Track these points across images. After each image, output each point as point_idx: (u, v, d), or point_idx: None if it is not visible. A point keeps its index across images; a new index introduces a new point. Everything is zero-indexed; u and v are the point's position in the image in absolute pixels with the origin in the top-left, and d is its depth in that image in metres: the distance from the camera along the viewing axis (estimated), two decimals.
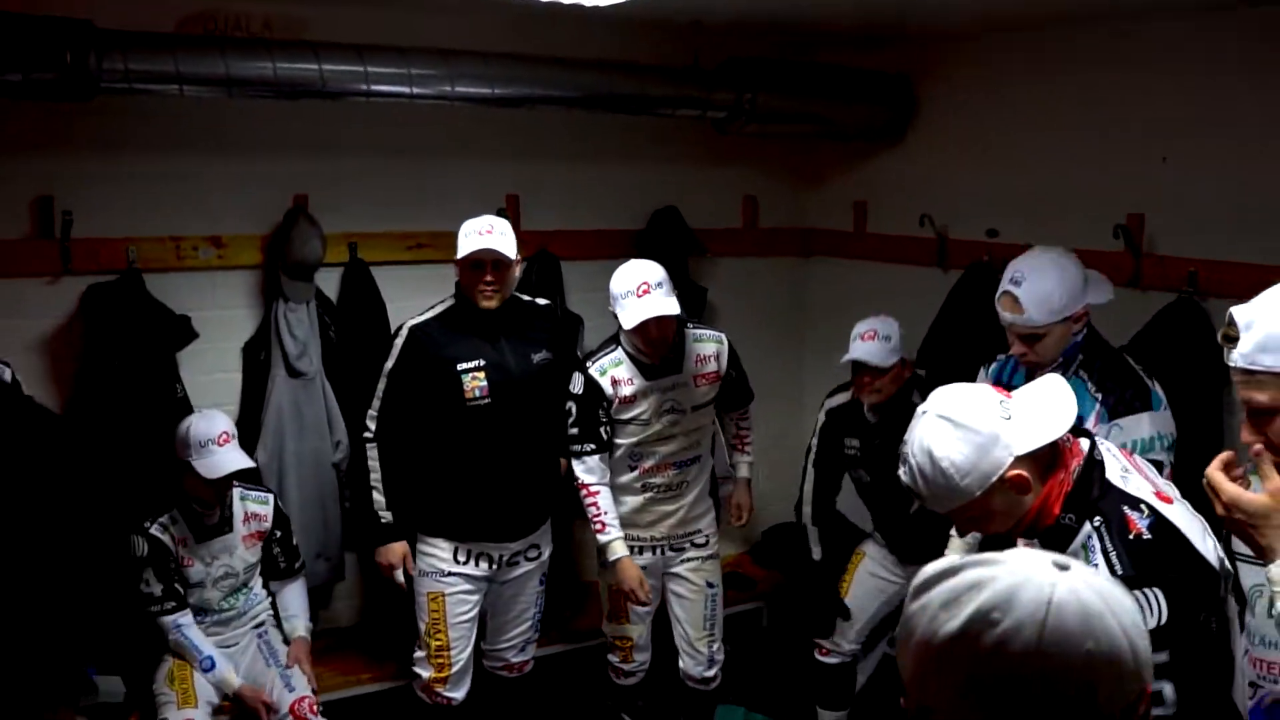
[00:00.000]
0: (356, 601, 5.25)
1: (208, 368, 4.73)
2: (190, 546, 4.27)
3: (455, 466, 4.26)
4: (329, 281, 4.95)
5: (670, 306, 4.15)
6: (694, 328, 4.50)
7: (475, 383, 4.18)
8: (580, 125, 5.28)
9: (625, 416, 4.35)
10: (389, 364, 4.22)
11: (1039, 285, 3.56)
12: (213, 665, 4.22)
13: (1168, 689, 2.09)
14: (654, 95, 5.04)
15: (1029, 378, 3.70)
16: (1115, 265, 4.50)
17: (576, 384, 4.35)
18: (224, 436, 4.21)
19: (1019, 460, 2.32)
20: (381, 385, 4.23)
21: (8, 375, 3.79)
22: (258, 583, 4.48)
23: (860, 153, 5.78)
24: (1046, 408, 2.42)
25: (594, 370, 4.34)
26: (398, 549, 4.29)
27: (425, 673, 4.36)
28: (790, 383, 6.15)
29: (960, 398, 2.42)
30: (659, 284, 4.16)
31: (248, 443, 4.51)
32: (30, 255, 4.43)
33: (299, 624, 4.55)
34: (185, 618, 4.25)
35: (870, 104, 5.49)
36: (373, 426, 4.23)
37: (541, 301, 4.57)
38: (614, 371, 4.34)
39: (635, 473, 4.41)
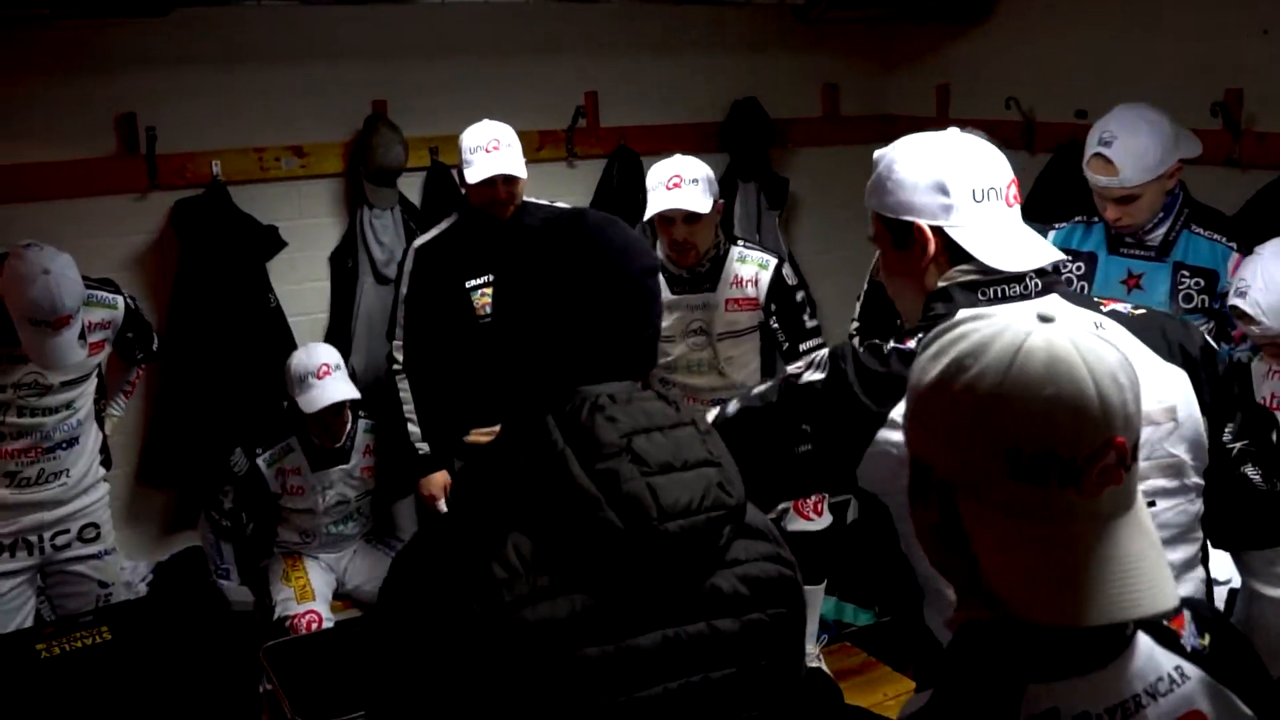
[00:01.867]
0: None
1: (297, 277, 4.78)
2: (304, 475, 4.26)
3: (476, 388, 3.97)
4: (412, 186, 4.96)
5: (696, 203, 3.80)
6: (744, 246, 4.12)
7: (484, 299, 4.05)
8: (658, 18, 5.22)
9: None
10: (402, 290, 4.14)
11: (1132, 142, 3.44)
12: (227, 576, 4.24)
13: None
14: None
15: (1108, 244, 3.64)
16: (1213, 144, 4.36)
17: None
18: (324, 369, 4.14)
19: None
20: (401, 313, 4.14)
21: (121, 304, 3.85)
22: (367, 507, 4.49)
23: (942, 35, 5.64)
24: None
25: None
26: (438, 479, 4.19)
27: None
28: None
29: None
30: (694, 180, 3.81)
31: (341, 349, 4.49)
32: (117, 173, 4.49)
33: None
34: (227, 547, 4.28)
35: None
36: (400, 357, 4.15)
37: (563, 205, 4.37)
38: None
39: None
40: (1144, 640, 1.32)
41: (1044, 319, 1.25)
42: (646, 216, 3.89)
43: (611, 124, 5.30)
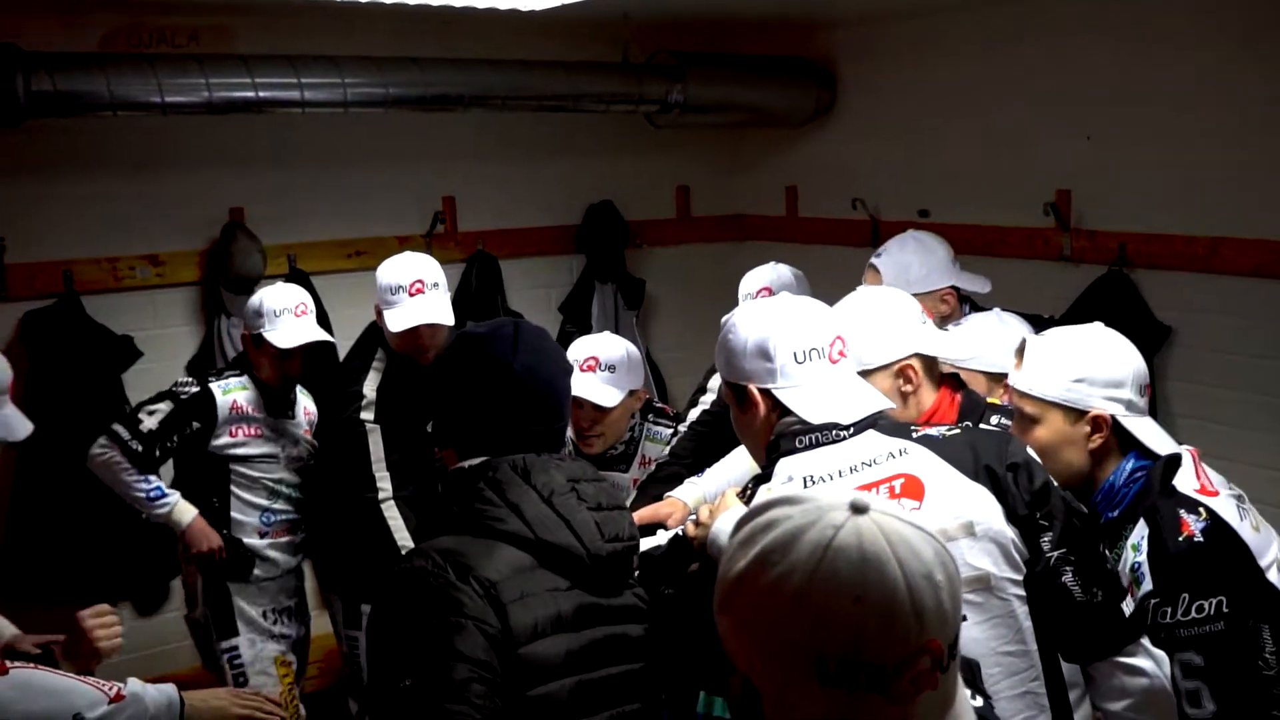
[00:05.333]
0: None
1: (153, 387, 4.59)
2: (263, 418, 3.99)
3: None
4: None
5: (601, 394, 3.45)
6: (653, 420, 3.76)
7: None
8: (514, 125, 5.31)
9: None
10: (366, 417, 3.76)
11: (898, 257, 3.66)
12: (162, 494, 3.85)
13: (1204, 693, 2.10)
14: (587, 92, 5.07)
15: None
16: (1047, 240, 4.65)
17: None
18: (301, 307, 3.95)
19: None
20: (374, 440, 3.74)
21: None
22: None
23: (789, 139, 5.85)
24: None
25: None
26: None
27: None
28: None
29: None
30: (610, 366, 3.50)
31: None
32: None
33: None
34: (154, 480, 3.85)
35: (796, 90, 5.56)
36: (385, 485, 3.73)
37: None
38: None
39: None
40: None
41: (858, 508, 1.19)
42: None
43: (470, 228, 5.37)
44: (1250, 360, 4.14)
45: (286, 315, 3.89)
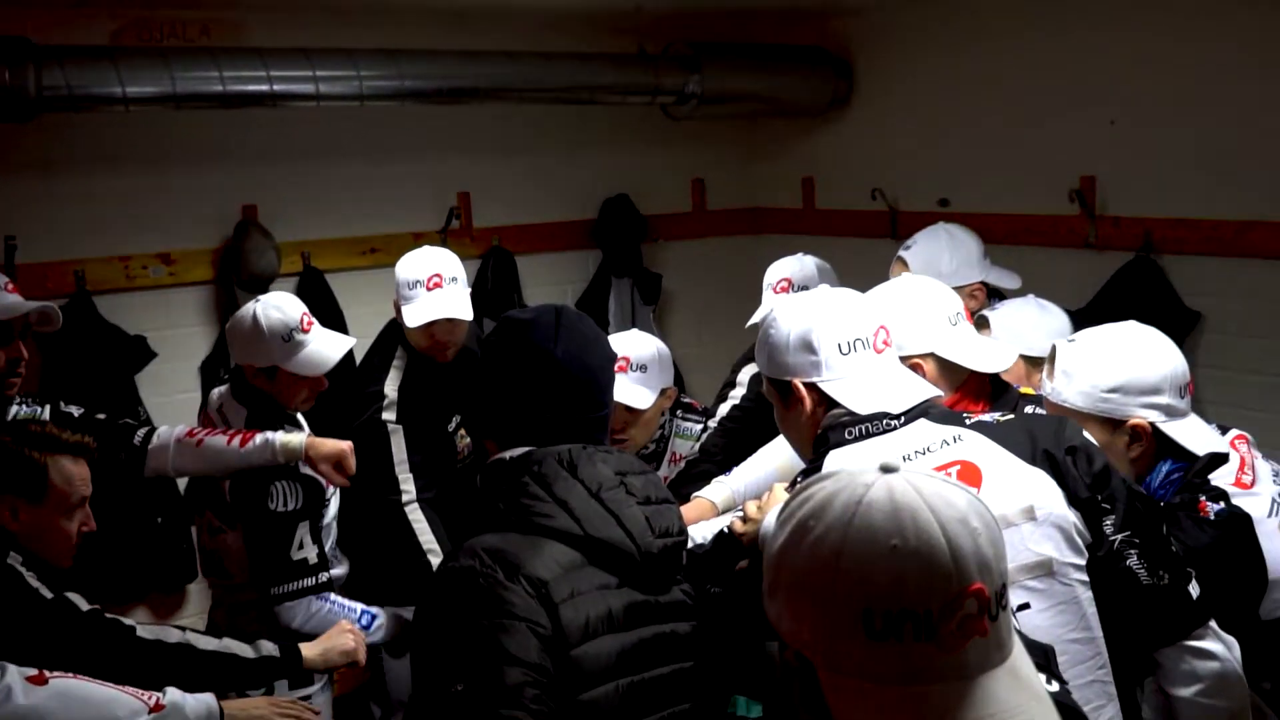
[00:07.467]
0: None
1: (167, 389, 4.63)
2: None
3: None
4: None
5: (633, 395, 3.26)
6: (682, 417, 3.68)
7: (464, 441, 3.81)
8: (529, 118, 5.27)
9: None
10: (389, 418, 3.66)
11: (928, 247, 3.60)
12: (372, 620, 3.20)
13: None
14: (602, 84, 5.04)
15: None
16: (1071, 228, 4.59)
17: None
18: (307, 320, 3.29)
19: None
20: (397, 442, 3.64)
21: None
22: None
23: (806, 129, 5.79)
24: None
25: None
26: None
27: None
28: None
29: None
30: (642, 365, 3.33)
31: None
32: None
33: None
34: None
35: (814, 80, 5.50)
36: (409, 488, 3.62)
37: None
38: None
39: None
40: None
41: (886, 469, 1.22)
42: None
43: (485, 224, 5.31)
44: None
45: (312, 331, 3.34)
